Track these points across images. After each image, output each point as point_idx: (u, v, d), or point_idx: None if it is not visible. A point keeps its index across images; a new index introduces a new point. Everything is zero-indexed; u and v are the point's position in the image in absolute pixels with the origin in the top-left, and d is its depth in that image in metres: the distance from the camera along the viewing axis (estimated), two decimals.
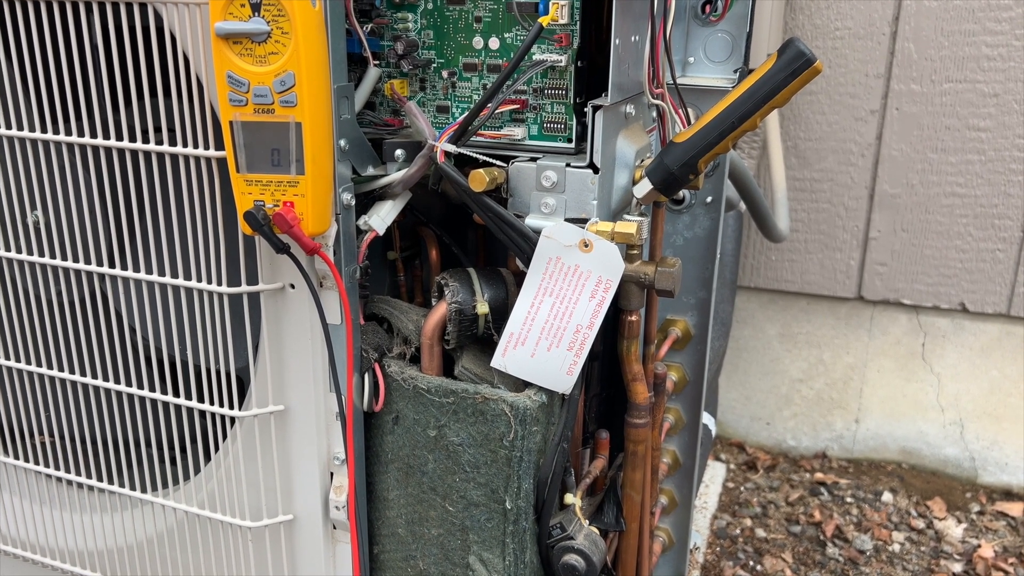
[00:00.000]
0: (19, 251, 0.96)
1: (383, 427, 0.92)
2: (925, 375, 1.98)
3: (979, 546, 1.71)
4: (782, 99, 0.80)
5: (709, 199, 1.07)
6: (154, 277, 0.90)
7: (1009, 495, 1.89)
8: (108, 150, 0.87)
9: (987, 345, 1.93)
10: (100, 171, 0.88)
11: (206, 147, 0.81)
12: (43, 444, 1.06)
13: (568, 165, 0.83)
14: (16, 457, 1.08)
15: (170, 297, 0.90)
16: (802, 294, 2.04)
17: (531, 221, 0.85)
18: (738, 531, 1.76)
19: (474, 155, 0.84)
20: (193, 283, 0.88)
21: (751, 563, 1.67)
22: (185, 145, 0.82)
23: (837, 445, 2.04)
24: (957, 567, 1.66)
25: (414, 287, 1.07)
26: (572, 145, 0.86)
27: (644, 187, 0.87)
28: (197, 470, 0.99)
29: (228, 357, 0.89)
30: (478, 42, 0.86)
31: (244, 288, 0.86)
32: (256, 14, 0.73)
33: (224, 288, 0.86)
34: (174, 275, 0.89)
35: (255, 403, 0.91)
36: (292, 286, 0.86)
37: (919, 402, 1.98)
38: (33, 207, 0.94)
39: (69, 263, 0.94)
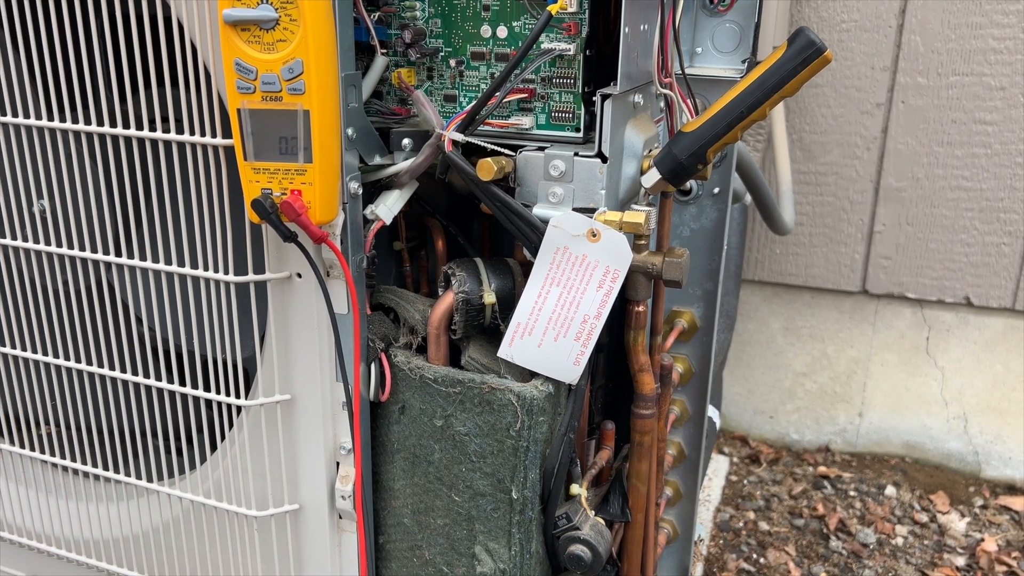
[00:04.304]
0: (25, 240, 0.96)
1: (389, 417, 0.92)
2: (929, 369, 1.97)
3: (982, 540, 1.71)
4: (791, 88, 0.79)
5: (716, 190, 1.07)
6: (160, 266, 0.90)
7: (1012, 489, 1.89)
8: (115, 138, 0.87)
9: (991, 339, 1.93)
10: (107, 160, 0.88)
11: (213, 135, 0.81)
12: (49, 433, 1.06)
13: (576, 154, 0.83)
14: (22, 446, 1.08)
15: (176, 286, 0.90)
16: (806, 288, 2.03)
17: (539, 211, 0.85)
18: (741, 524, 1.76)
19: (482, 144, 0.84)
20: (200, 272, 0.87)
21: (754, 556, 1.67)
22: (192, 133, 0.82)
23: (840, 439, 2.04)
24: (960, 561, 1.66)
25: (420, 277, 1.07)
26: (580, 134, 0.86)
27: (652, 177, 0.86)
28: (203, 459, 0.99)
29: (235, 346, 0.89)
30: (486, 31, 0.86)
31: (251, 277, 0.86)
32: (264, 1, 0.72)
33: (231, 277, 0.86)
34: (181, 264, 0.89)
35: (261, 392, 0.91)
36: (299, 275, 0.85)
37: (923, 396, 1.98)
38: (39, 195, 0.94)
39: (75, 252, 0.94)
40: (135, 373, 0.96)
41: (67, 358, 1.00)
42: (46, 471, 1.09)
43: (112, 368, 0.98)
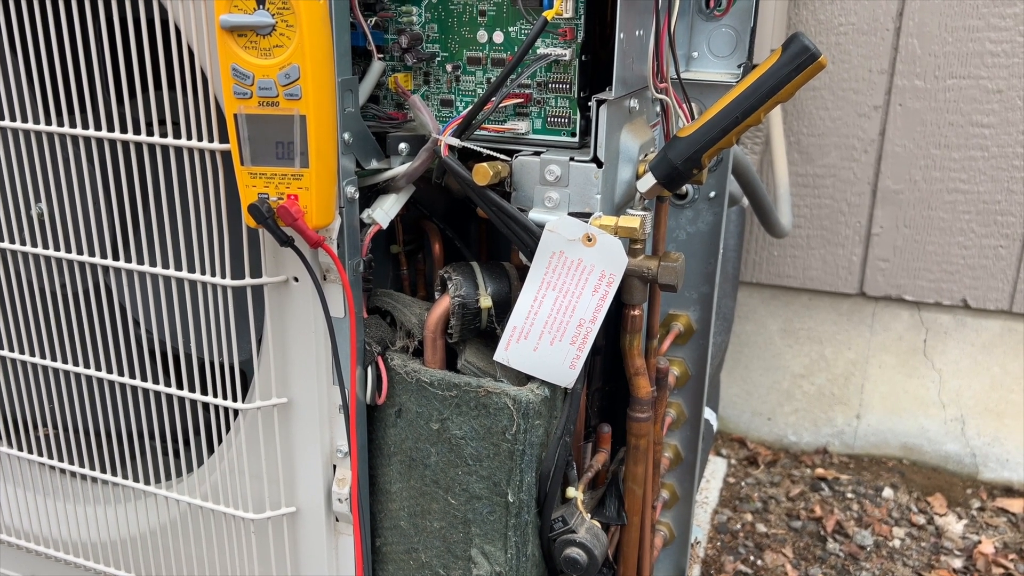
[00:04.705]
0: (23, 243, 0.97)
1: (386, 420, 0.92)
2: (927, 371, 1.98)
3: (979, 542, 1.72)
4: (786, 94, 0.80)
5: (712, 194, 1.07)
6: (158, 270, 0.90)
7: (1010, 491, 1.89)
8: (112, 142, 0.87)
9: (989, 341, 1.93)
10: (104, 163, 0.88)
11: (210, 140, 0.81)
12: (46, 436, 1.07)
13: (572, 159, 0.83)
14: (20, 448, 1.08)
15: (174, 290, 0.90)
16: (804, 290, 2.04)
17: (535, 215, 0.85)
18: (739, 526, 1.77)
19: (478, 149, 0.84)
20: (197, 276, 0.88)
21: (752, 558, 1.67)
22: (189, 138, 0.82)
23: (838, 441, 2.04)
24: (957, 563, 1.66)
25: (417, 281, 1.07)
26: (576, 139, 0.86)
27: (648, 181, 0.87)
28: (200, 462, 0.99)
29: (232, 350, 0.89)
30: (482, 36, 0.86)
31: (248, 281, 0.86)
32: (261, 7, 0.73)
33: (228, 281, 0.87)
34: (178, 268, 0.89)
35: (258, 396, 0.91)
36: (296, 279, 0.86)
37: (920, 398, 1.98)
38: (37, 199, 0.94)
39: (73, 255, 0.94)
40: (132, 376, 0.97)
41: (65, 361, 1.00)
42: (44, 474, 1.09)
43: (109, 371, 0.98)
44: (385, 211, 0.87)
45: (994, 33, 1.75)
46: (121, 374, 0.97)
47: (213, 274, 0.87)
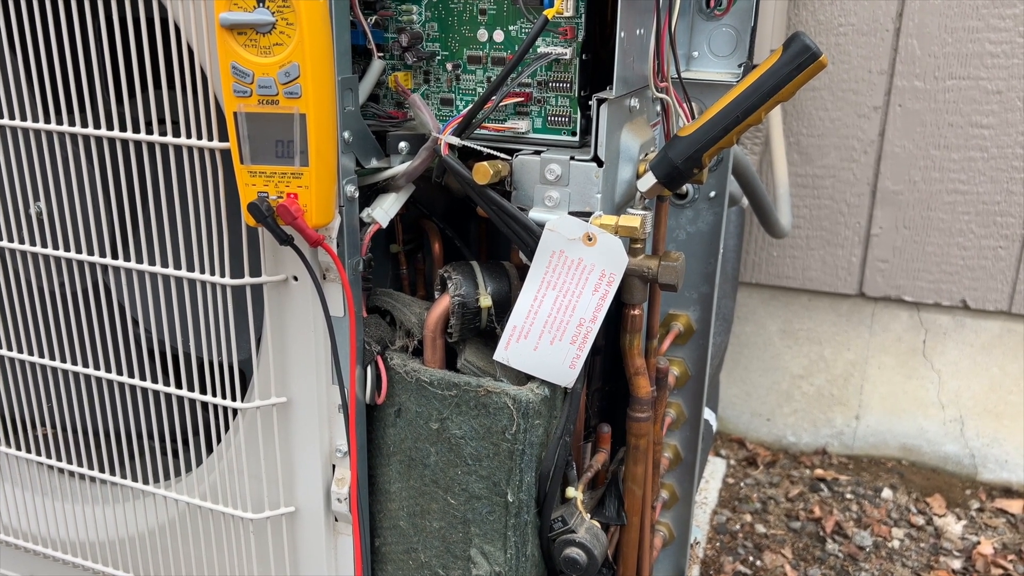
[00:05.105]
0: (22, 242, 0.96)
1: (385, 420, 0.92)
2: (926, 372, 1.98)
3: (978, 543, 1.72)
4: (787, 93, 0.80)
5: (712, 194, 1.07)
6: (157, 268, 0.90)
7: (1009, 492, 1.89)
8: (112, 141, 0.87)
9: (988, 342, 1.93)
10: (104, 162, 0.88)
11: (210, 138, 0.81)
12: (45, 435, 1.06)
13: (572, 158, 0.83)
14: (18, 448, 1.08)
15: (173, 289, 0.90)
16: (803, 290, 2.04)
17: (535, 214, 0.85)
18: (738, 526, 1.76)
19: (478, 148, 0.84)
20: (196, 275, 0.88)
21: (751, 558, 1.67)
22: (189, 136, 0.82)
23: (837, 441, 2.04)
24: (956, 564, 1.66)
25: (416, 280, 1.07)
26: (576, 138, 0.86)
27: (648, 181, 0.86)
28: (199, 462, 0.99)
29: (231, 349, 0.89)
30: (483, 34, 0.86)
31: (247, 280, 0.86)
32: (261, 5, 0.73)
33: (227, 280, 0.86)
34: (177, 267, 0.89)
35: (258, 395, 0.91)
36: (295, 278, 0.86)
37: (920, 399, 1.98)
38: (36, 198, 0.94)
39: (72, 254, 0.94)
40: (131, 376, 0.97)
41: (63, 360, 1.00)
42: (43, 473, 1.09)
43: (108, 371, 0.98)
44: (385, 210, 0.87)
45: (994, 34, 1.75)
46: (120, 373, 0.97)
47: (212, 273, 0.87)
